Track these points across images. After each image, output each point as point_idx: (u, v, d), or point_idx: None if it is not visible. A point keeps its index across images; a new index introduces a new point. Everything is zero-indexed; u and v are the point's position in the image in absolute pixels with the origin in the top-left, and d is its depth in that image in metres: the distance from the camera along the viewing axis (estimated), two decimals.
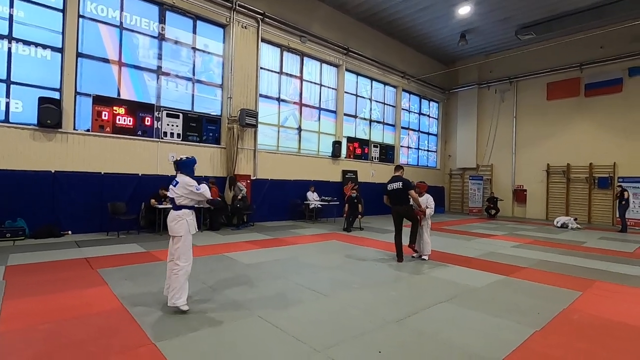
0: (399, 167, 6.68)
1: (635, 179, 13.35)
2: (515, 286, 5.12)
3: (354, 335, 3.31)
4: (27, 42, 7.76)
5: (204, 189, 3.89)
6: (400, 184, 6.37)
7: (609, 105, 14.53)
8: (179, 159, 3.96)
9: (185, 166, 3.93)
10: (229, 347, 3.02)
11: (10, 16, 7.59)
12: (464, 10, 13.24)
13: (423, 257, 6.66)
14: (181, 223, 3.77)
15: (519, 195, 17.04)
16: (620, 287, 5.22)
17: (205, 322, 3.47)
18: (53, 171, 7.90)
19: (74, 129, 8.28)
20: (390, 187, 6.47)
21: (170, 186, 3.90)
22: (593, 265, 6.68)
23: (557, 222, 13.25)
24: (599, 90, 14.81)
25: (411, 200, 6.39)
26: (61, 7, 8.13)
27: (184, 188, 3.79)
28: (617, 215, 12.84)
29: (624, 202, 12.14)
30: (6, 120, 7.55)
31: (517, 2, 12.70)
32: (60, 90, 8.13)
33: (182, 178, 3.84)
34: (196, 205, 4.03)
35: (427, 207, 6.68)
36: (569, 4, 12.67)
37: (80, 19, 8.38)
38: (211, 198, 4.06)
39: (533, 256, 7.35)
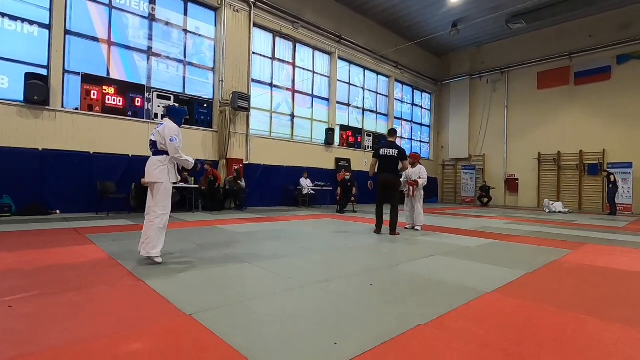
0: (393, 132, 6.16)
1: (624, 165, 13.53)
2: (507, 246, 5.13)
3: (346, 274, 3.28)
4: (13, 17, 7.62)
5: (177, 144, 3.52)
6: (396, 152, 5.88)
7: (598, 93, 14.72)
8: (170, 105, 3.77)
9: (175, 114, 3.78)
10: (218, 281, 2.97)
11: None
12: None
13: (416, 227, 6.65)
14: (162, 169, 3.57)
15: (511, 184, 17.16)
16: (609, 248, 5.26)
17: (194, 266, 3.41)
18: (40, 149, 7.75)
19: (62, 106, 8.14)
20: (383, 152, 5.90)
21: (155, 129, 3.70)
22: (584, 234, 6.74)
23: (546, 208, 13.45)
24: (588, 78, 14.99)
25: (402, 174, 6.29)
26: None
27: (163, 133, 3.56)
28: (607, 200, 13.00)
29: (611, 186, 12.31)
30: None
31: None
32: (47, 67, 7.98)
33: (167, 122, 3.64)
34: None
35: (419, 178, 6.63)
36: None
37: None
38: (181, 158, 3.59)
39: (525, 229, 7.39)
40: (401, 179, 6.66)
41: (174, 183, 3.73)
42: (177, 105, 3.83)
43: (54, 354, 1.67)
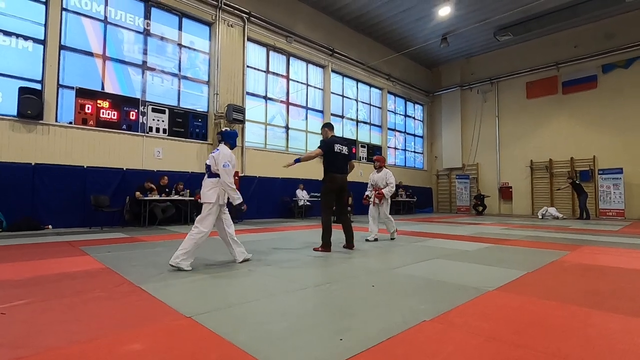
0: (331, 126, 5.11)
1: (615, 170, 13.74)
2: (505, 249, 5.14)
3: (347, 277, 3.25)
4: (7, 33, 7.65)
5: (228, 171, 3.70)
6: (347, 150, 5.00)
7: (585, 101, 15.06)
8: (223, 130, 4.02)
9: (229, 137, 3.97)
10: (217, 285, 2.91)
11: None
12: (444, 12, 13.69)
13: (392, 237, 6.07)
14: (213, 191, 3.75)
15: (505, 192, 17.29)
16: (606, 249, 5.29)
17: (192, 273, 3.36)
18: (33, 163, 7.67)
19: (56, 121, 8.11)
20: (337, 148, 4.83)
21: (211, 154, 3.92)
22: (580, 237, 6.77)
23: (540, 215, 13.61)
24: (575, 87, 15.36)
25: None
26: (44, 0, 8.09)
27: (218, 159, 3.79)
28: (580, 206, 13.24)
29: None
30: None
31: (493, 3, 13.22)
32: (42, 81, 7.98)
33: (222, 148, 3.85)
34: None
35: (387, 184, 6.00)
36: (542, 4, 13.22)
37: (64, 12, 8.33)
38: (230, 185, 3.69)
39: (521, 233, 7.42)
40: (368, 190, 6.23)
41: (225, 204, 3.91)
42: (228, 129, 4.08)
43: (52, 355, 1.62)
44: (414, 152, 19.66)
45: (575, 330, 1.99)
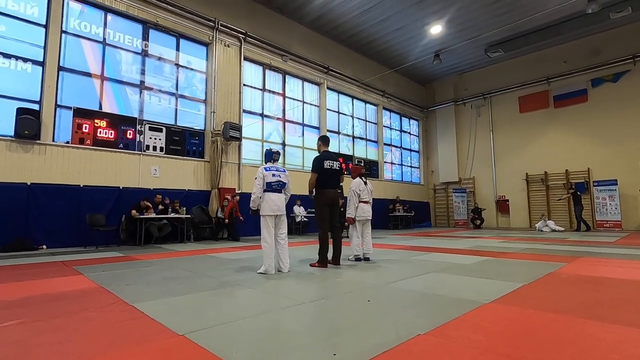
0: (326, 139, 5.24)
1: (610, 182, 13.85)
2: (502, 262, 5.12)
3: (341, 292, 3.22)
4: (7, 55, 7.77)
5: (255, 182, 4.41)
6: (338, 165, 5.03)
7: (577, 114, 15.31)
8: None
9: (265, 155, 4.75)
10: (211, 303, 2.88)
11: None
12: (436, 30, 14.06)
13: (367, 256, 5.54)
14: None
15: (502, 205, 17.32)
16: (603, 260, 5.28)
17: (186, 291, 3.32)
18: (29, 183, 7.66)
19: (53, 140, 8.14)
20: (327, 164, 4.88)
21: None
22: (577, 249, 6.77)
23: (538, 229, 13.62)
24: (566, 101, 15.64)
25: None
26: (44, 23, 8.26)
27: None
28: (577, 216, 13.30)
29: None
30: None
31: (482, 22, 13.59)
32: (40, 102, 8.06)
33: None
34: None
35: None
36: (530, 22, 13.62)
37: (63, 35, 8.50)
38: (252, 200, 4.50)
39: (519, 246, 7.41)
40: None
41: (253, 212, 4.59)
42: (269, 148, 4.80)
43: None
44: (411, 166, 19.78)
45: (570, 342, 1.98)
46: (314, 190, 4.95)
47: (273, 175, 4.49)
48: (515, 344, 1.94)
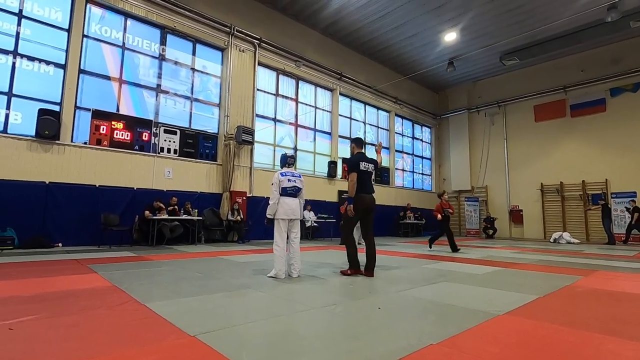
0: (360, 141, 4.92)
1: (629, 194, 13.46)
2: (516, 273, 5.02)
3: (352, 299, 3.20)
4: (31, 58, 8.03)
5: (272, 188, 4.41)
6: (372, 167, 4.75)
7: (595, 124, 14.99)
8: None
9: (280, 160, 4.83)
10: (222, 305, 2.89)
11: (17, 34, 7.92)
12: (450, 37, 14.00)
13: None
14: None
15: (515, 215, 17.00)
16: (621, 274, 5.13)
17: (198, 292, 3.35)
18: (47, 182, 7.86)
19: (72, 141, 8.35)
20: (363, 166, 4.61)
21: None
22: (593, 262, 6.59)
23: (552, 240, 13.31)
24: (584, 110, 15.34)
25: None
26: (67, 27, 8.52)
27: None
28: (608, 230, 12.89)
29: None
30: (4, 130, 7.63)
31: (498, 29, 13.48)
32: (60, 104, 8.29)
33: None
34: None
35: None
36: (546, 31, 13.46)
37: (84, 38, 8.75)
38: (269, 207, 4.44)
39: (533, 257, 7.25)
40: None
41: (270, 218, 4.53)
42: (284, 153, 4.86)
43: None
44: (422, 174, 19.61)
45: (586, 357, 1.92)
46: (351, 196, 4.50)
47: (289, 180, 4.47)
48: (530, 357, 1.89)
